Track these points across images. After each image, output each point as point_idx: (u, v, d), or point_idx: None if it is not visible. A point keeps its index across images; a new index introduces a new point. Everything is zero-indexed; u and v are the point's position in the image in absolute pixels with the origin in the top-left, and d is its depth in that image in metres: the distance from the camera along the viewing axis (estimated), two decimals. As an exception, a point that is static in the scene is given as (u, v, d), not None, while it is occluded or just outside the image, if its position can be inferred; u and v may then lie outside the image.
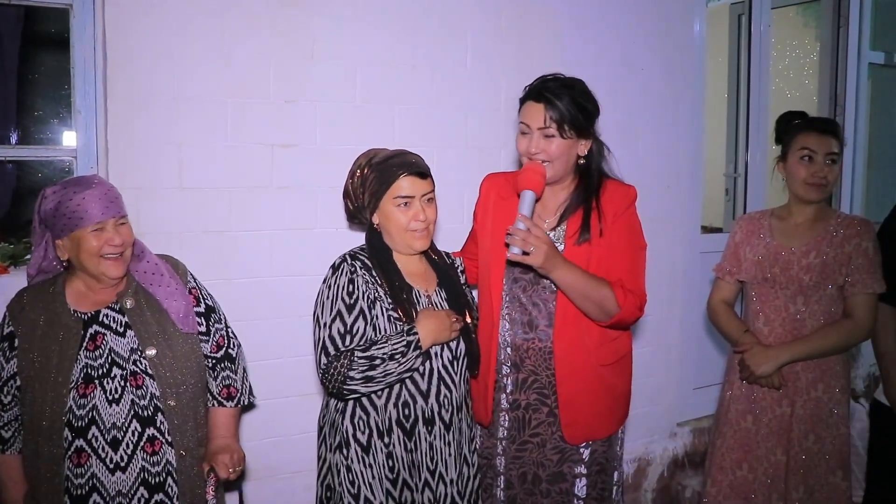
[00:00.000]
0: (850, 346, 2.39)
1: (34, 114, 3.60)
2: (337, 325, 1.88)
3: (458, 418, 2.01)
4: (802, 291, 2.36)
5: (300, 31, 2.59)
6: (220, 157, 2.51)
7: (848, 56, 4.11)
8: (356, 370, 1.82)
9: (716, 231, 4.28)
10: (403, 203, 1.92)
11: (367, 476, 1.91)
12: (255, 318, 2.57)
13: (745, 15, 3.95)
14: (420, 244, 1.97)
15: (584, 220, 2.02)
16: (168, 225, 2.44)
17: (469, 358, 2.04)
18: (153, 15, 2.38)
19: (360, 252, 2.01)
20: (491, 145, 2.97)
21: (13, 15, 2.86)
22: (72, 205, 1.83)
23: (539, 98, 1.98)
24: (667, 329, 3.51)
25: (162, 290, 1.98)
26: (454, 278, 2.10)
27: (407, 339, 1.86)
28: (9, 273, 2.37)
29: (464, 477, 2.04)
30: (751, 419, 2.45)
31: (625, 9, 3.23)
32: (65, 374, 1.82)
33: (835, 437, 2.36)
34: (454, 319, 1.96)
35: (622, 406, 2.18)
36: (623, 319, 1.99)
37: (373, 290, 1.92)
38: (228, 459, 1.98)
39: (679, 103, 3.42)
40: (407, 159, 1.96)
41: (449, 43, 2.86)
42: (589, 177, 2.08)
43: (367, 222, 2.02)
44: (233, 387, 2.11)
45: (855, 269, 2.32)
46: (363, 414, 1.93)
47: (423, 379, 1.94)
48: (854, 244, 2.33)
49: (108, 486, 1.84)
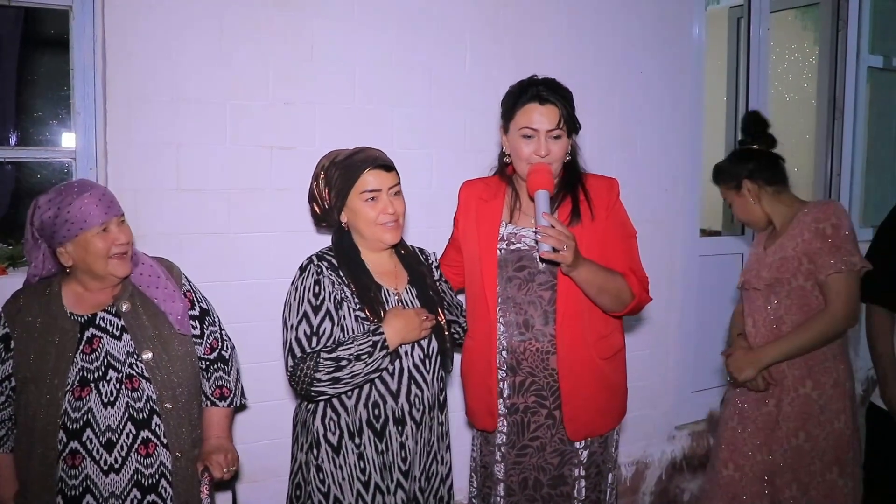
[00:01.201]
0: (834, 336, 2.31)
1: (33, 115, 3.60)
2: (303, 327, 1.88)
3: (429, 417, 2.00)
4: (771, 290, 2.37)
5: (299, 33, 2.60)
6: (219, 158, 2.52)
7: (847, 60, 4.11)
8: (322, 371, 1.82)
9: (714, 234, 4.28)
10: (371, 197, 1.93)
11: (337, 476, 1.92)
12: (252, 320, 2.57)
13: (744, 18, 3.94)
14: (390, 237, 1.97)
15: (573, 206, 2.08)
16: (166, 226, 2.44)
17: (442, 356, 2.03)
18: (152, 17, 2.39)
19: (328, 252, 2.01)
20: (489, 147, 2.97)
21: (13, 16, 2.86)
22: (73, 209, 1.83)
23: (544, 101, 2.00)
24: (665, 332, 3.51)
25: (160, 291, 1.99)
26: (426, 276, 2.09)
27: (373, 339, 1.85)
28: (7, 274, 2.37)
29: (435, 475, 2.04)
30: (737, 418, 2.46)
31: (624, 11, 3.23)
32: (61, 377, 1.83)
33: (828, 433, 2.32)
34: (424, 318, 1.94)
35: (620, 401, 2.20)
36: (635, 307, 2.07)
37: (339, 291, 1.92)
38: (223, 459, 1.99)
39: (678, 106, 3.42)
40: (370, 154, 1.97)
41: (447, 45, 2.87)
42: (572, 169, 2.12)
43: (335, 223, 2.01)
44: (225, 387, 2.11)
45: (818, 252, 2.25)
46: (334, 415, 1.93)
47: (392, 378, 1.93)
48: (812, 229, 2.27)
49: (102, 487, 1.85)
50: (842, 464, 2.34)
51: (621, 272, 2.04)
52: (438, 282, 2.15)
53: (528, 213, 2.12)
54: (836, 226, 2.25)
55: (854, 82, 4.14)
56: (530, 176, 1.99)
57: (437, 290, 2.10)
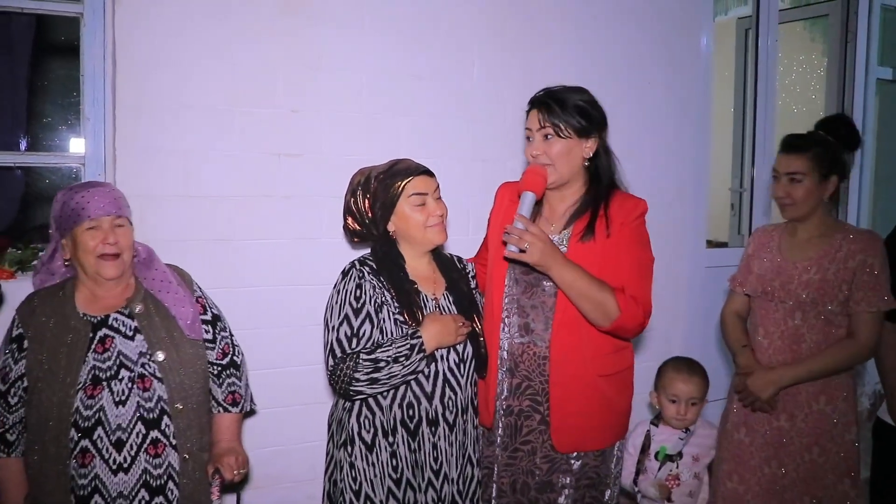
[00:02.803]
0: (853, 366, 2.35)
1: (43, 121, 3.62)
2: (344, 329, 1.93)
3: (462, 419, 2.05)
4: (801, 307, 2.34)
5: (307, 41, 2.61)
6: (227, 165, 2.53)
7: (856, 72, 4.10)
8: (361, 372, 1.88)
9: (721, 246, 4.27)
10: (420, 203, 2.00)
11: (369, 473, 1.96)
12: (258, 326, 2.58)
13: (752, 29, 3.95)
14: (440, 237, 2.04)
15: (590, 223, 2.03)
16: (173, 232, 2.45)
17: (477, 361, 2.08)
18: (162, 24, 2.41)
19: (369, 258, 2.05)
20: (496, 157, 2.98)
21: (24, 23, 2.88)
22: (72, 202, 1.90)
23: (537, 104, 2.04)
24: (671, 343, 3.49)
25: (170, 297, 2.02)
26: (463, 283, 2.15)
27: (410, 343, 1.90)
28: (16, 278, 2.38)
29: (466, 477, 2.07)
30: (744, 431, 2.44)
31: (632, 21, 3.24)
32: (73, 375, 1.85)
33: (840, 445, 2.32)
34: (461, 324, 2.00)
35: (619, 421, 2.15)
36: (623, 325, 1.95)
37: (380, 295, 1.98)
38: (234, 461, 2.01)
39: (685, 117, 3.42)
40: (410, 164, 2.06)
41: (455, 55, 2.88)
42: (598, 182, 2.08)
43: (378, 235, 2.05)
44: (237, 393, 2.14)
45: (858, 286, 2.27)
46: (369, 413, 1.98)
47: (427, 381, 1.98)
48: (859, 260, 2.28)
49: (110, 487, 1.87)
50: (854, 475, 2.34)
51: (613, 286, 1.96)
52: (475, 290, 2.20)
53: (548, 220, 2.12)
54: (882, 264, 2.29)
55: (863, 94, 4.12)
56: (522, 176, 2.00)
57: (473, 298, 2.16)
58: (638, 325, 1.99)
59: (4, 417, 1.91)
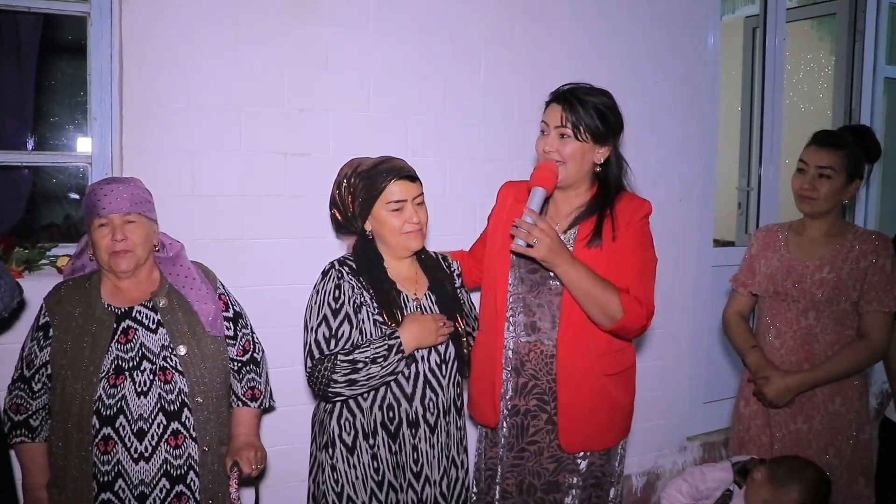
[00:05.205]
0: (867, 367, 2.35)
1: (50, 120, 3.64)
2: (322, 330, 1.93)
3: (444, 421, 2.04)
4: (814, 306, 2.34)
5: (314, 40, 2.61)
6: (234, 165, 2.53)
7: (863, 70, 4.09)
8: (339, 373, 1.87)
9: (728, 245, 4.26)
10: (396, 208, 1.96)
11: (350, 476, 1.96)
12: (265, 325, 2.56)
13: (759, 28, 3.94)
14: (415, 244, 2.02)
15: (596, 226, 2.02)
16: (180, 232, 2.44)
17: (459, 361, 2.06)
18: (169, 24, 2.41)
19: (349, 258, 2.04)
20: (503, 157, 2.97)
21: (31, 23, 2.88)
22: (89, 199, 1.95)
23: (560, 100, 2.01)
24: (678, 342, 3.49)
25: (194, 293, 2.06)
26: (448, 283, 2.12)
27: (388, 343, 1.90)
28: (23, 277, 2.39)
29: (451, 479, 2.07)
30: (769, 431, 2.44)
31: (638, 20, 3.23)
32: (96, 364, 1.90)
33: (854, 445, 2.33)
34: (442, 324, 1.98)
35: (623, 420, 2.15)
36: (626, 326, 1.95)
37: (359, 295, 1.97)
38: (252, 455, 2.03)
39: (692, 116, 3.41)
40: (395, 164, 2.00)
41: (462, 55, 2.87)
42: (606, 187, 2.08)
43: (358, 230, 2.04)
44: (257, 388, 2.17)
45: (870, 286, 2.28)
46: (349, 415, 1.98)
47: (408, 382, 1.98)
48: (870, 260, 2.29)
49: (132, 474, 1.91)
50: (868, 474, 2.35)
51: (618, 287, 1.95)
52: (459, 289, 2.17)
53: (552, 219, 2.09)
54: (893, 265, 2.30)
55: (870, 93, 4.11)
56: (533, 171, 1.99)
57: (458, 297, 2.13)
58: (640, 326, 1.99)
59: (28, 403, 1.96)
